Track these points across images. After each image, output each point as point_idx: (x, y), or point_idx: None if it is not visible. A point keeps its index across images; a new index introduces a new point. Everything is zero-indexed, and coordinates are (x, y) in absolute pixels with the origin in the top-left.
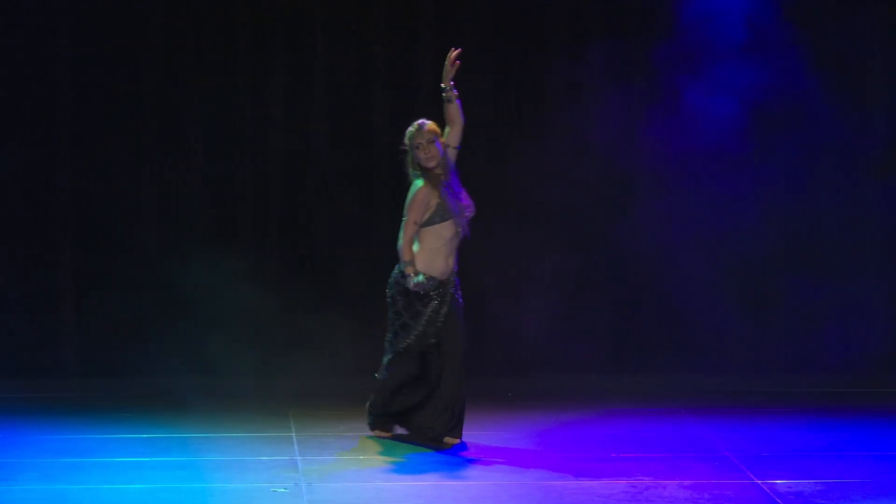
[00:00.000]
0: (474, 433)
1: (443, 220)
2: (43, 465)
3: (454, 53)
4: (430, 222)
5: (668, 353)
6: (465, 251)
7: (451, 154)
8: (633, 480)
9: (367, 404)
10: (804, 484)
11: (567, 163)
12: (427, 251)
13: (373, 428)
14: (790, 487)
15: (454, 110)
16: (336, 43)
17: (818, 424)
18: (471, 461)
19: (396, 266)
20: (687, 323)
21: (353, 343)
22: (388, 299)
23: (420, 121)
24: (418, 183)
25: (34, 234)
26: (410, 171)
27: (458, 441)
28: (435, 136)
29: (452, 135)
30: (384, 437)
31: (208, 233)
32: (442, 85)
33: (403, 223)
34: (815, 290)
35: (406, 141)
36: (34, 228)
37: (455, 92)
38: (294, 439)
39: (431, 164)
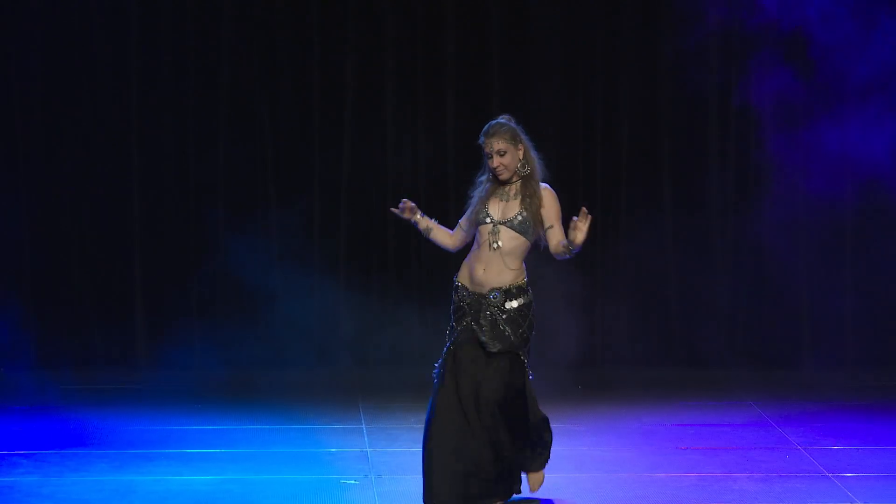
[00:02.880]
0: None
1: (479, 223)
2: (113, 456)
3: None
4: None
5: (739, 346)
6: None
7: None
8: (703, 473)
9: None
10: (875, 478)
11: (638, 159)
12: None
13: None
14: (861, 481)
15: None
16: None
17: (890, 418)
18: None
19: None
20: (759, 316)
21: (425, 334)
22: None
23: (497, 121)
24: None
25: (107, 233)
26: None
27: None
28: (508, 148)
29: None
30: None
31: (276, 226)
32: (565, 241)
33: None
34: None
35: (479, 140)
36: (108, 228)
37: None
38: (364, 431)
39: (503, 177)
